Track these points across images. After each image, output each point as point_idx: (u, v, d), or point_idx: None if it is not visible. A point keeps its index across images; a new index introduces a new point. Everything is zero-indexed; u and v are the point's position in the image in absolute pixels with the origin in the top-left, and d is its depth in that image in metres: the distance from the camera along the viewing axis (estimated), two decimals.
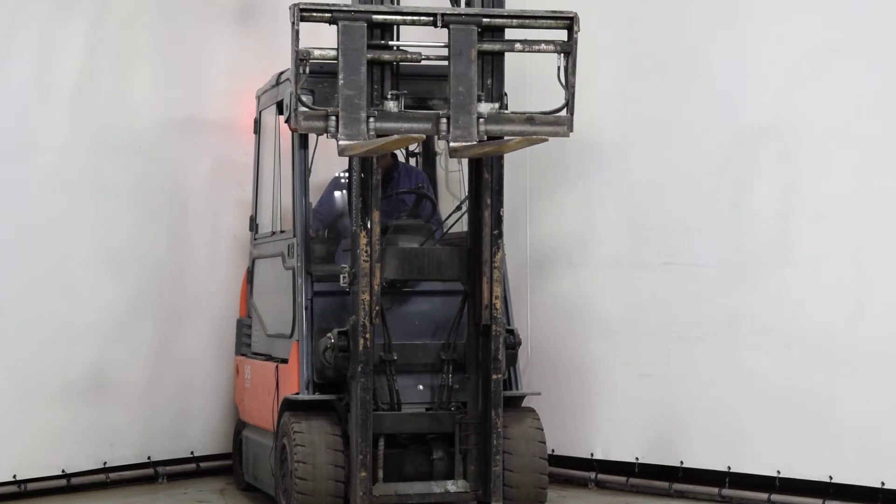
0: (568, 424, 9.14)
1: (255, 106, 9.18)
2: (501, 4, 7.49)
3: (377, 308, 7.40)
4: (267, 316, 8.70)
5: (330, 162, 8.82)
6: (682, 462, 8.78)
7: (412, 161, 9.32)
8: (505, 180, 7.64)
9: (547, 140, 7.32)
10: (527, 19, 7.33)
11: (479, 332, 7.56)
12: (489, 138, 7.22)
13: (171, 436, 9.52)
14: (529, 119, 7.26)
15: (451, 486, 7.65)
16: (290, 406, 7.84)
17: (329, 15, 7.07)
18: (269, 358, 8.55)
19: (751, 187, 8.49)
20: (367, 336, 7.38)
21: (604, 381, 9.05)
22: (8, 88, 8.73)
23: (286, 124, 8.18)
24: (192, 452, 9.65)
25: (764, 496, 8.40)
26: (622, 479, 9.07)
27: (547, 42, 7.30)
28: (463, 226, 8.03)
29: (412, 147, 9.29)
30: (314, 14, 7.08)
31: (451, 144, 7.13)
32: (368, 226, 7.36)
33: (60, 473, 8.98)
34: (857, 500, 8.03)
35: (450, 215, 8.22)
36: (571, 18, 7.24)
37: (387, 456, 7.61)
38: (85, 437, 9.08)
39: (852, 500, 8.05)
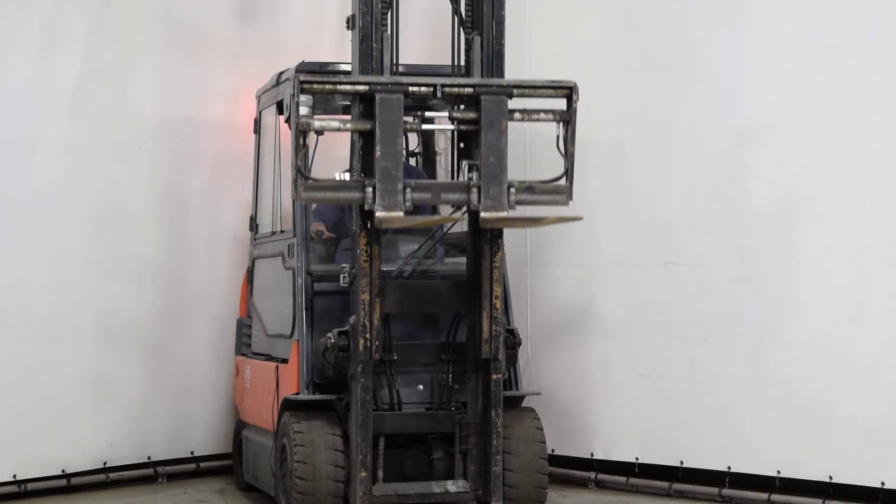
0: (568, 424, 9.14)
1: (255, 106, 9.18)
2: (502, 72, 7.48)
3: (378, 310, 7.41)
4: (267, 316, 8.70)
5: (330, 162, 8.83)
6: (682, 462, 8.78)
7: (412, 161, 9.31)
8: None
9: (581, 218, 7.34)
10: (526, 89, 7.34)
11: (478, 363, 7.57)
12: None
13: (171, 436, 9.52)
14: (529, 188, 7.29)
15: (451, 486, 7.65)
16: (290, 406, 7.84)
17: (366, 88, 7.06)
18: (269, 358, 8.56)
19: (751, 187, 8.49)
20: (367, 336, 7.38)
21: (604, 381, 9.05)
22: (8, 88, 8.74)
23: (286, 124, 8.18)
24: (192, 452, 9.65)
25: (764, 496, 8.40)
26: (622, 479, 9.08)
27: (546, 111, 7.32)
28: (463, 226, 8.02)
29: (412, 147, 9.30)
30: (314, 85, 7.10)
31: (483, 215, 7.15)
32: (368, 226, 7.36)
33: (60, 473, 8.98)
34: (857, 500, 8.03)
35: (449, 216, 8.22)
36: (571, 88, 7.27)
37: (387, 456, 7.61)
38: (85, 437, 9.08)
39: (852, 500, 8.05)
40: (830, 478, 8.13)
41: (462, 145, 7.54)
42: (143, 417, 9.35)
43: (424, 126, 7.36)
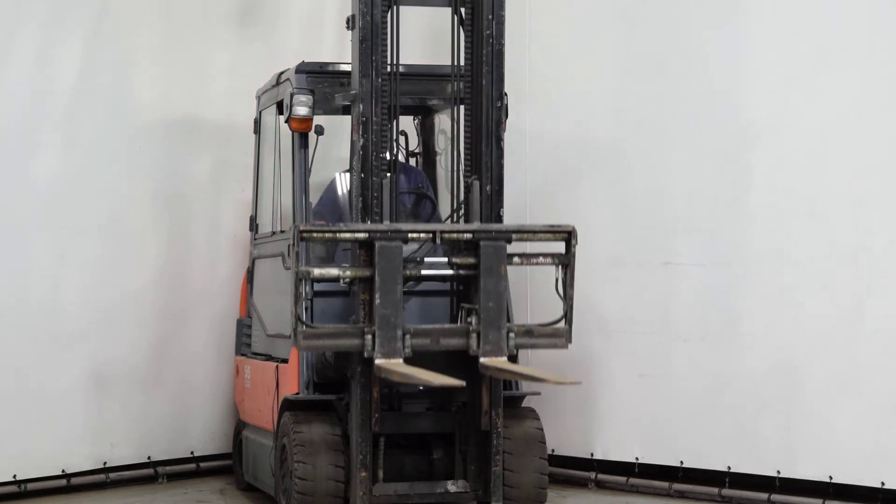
0: (568, 424, 9.14)
1: (255, 106, 9.18)
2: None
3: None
4: (267, 316, 8.70)
5: (330, 162, 8.83)
6: (682, 462, 8.78)
7: (412, 161, 9.32)
8: (505, 180, 7.64)
9: (580, 383, 7.35)
10: (525, 233, 7.37)
11: (479, 434, 7.57)
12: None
13: (171, 436, 9.52)
14: (528, 332, 7.31)
15: (451, 486, 7.65)
16: (290, 406, 7.84)
17: (365, 235, 7.07)
18: (269, 358, 8.56)
19: (750, 187, 8.49)
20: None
21: (604, 381, 9.05)
22: (8, 88, 8.73)
23: (286, 124, 8.19)
24: (192, 452, 9.65)
25: (764, 496, 8.40)
26: (622, 479, 9.07)
27: (545, 255, 7.34)
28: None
29: (412, 147, 9.30)
30: (314, 234, 7.11)
31: (482, 361, 7.15)
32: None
33: (60, 473, 8.98)
34: (857, 500, 8.03)
35: (449, 216, 8.21)
36: (570, 232, 7.28)
37: (387, 456, 7.61)
38: (85, 437, 9.08)
39: (852, 500, 8.05)
40: (830, 478, 8.13)
41: (461, 288, 7.56)
42: (143, 417, 9.35)
43: (424, 271, 7.35)
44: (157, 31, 9.45)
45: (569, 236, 7.28)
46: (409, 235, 7.14)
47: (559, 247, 7.32)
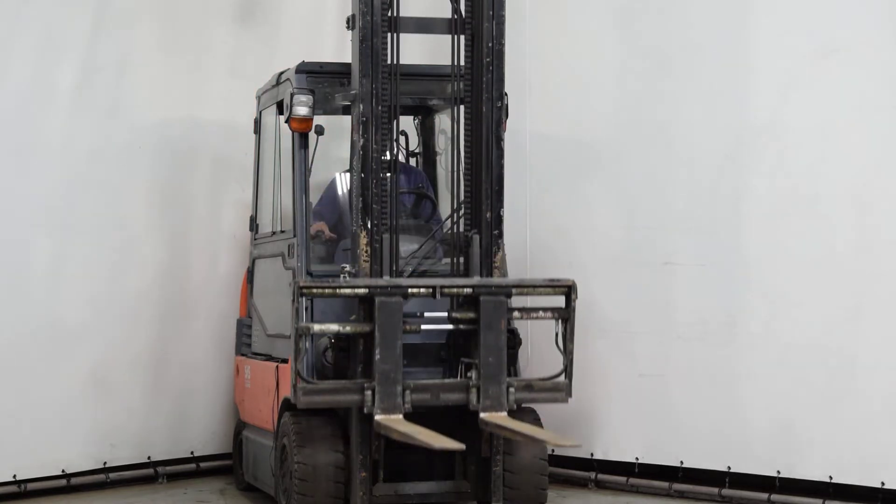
0: (568, 424, 9.13)
1: (256, 106, 9.18)
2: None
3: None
4: (267, 316, 8.70)
5: (330, 162, 8.83)
6: (682, 462, 8.78)
7: (412, 161, 9.32)
8: (505, 180, 7.64)
9: (580, 445, 7.34)
10: (525, 288, 7.39)
11: (479, 462, 7.59)
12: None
13: (171, 436, 9.52)
14: (528, 386, 7.33)
15: (451, 487, 7.65)
16: (291, 406, 7.82)
17: (365, 291, 7.09)
18: (269, 358, 8.55)
19: (750, 187, 8.49)
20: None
21: (603, 381, 9.04)
22: (8, 88, 8.74)
23: (286, 124, 8.18)
24: (192, 452, 9.65)
25: (764, 496, 8.40)
26: (622, 479, 9.07)
27: (545, 309, 7.35)
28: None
29: (413, 147, 9.30)
30: (314, 290, 7.12)
31: (482, 416, 7.17)
32: (369, 225, 7.36)
33: (60, 473, 8.98)
34: (857, 500, 8.03)
35: (449, 216, 8.21)
36: (570, 287, 7.30)
37: (387, 456, 7.60)
38: (85, 437, 9.08)
39: (852, 500, 8.05)
40: (830, 478, 8.13)
41: (461, 341, 7.56)
42: (143, 417, 9.35)
43: (424, 326, 7.36)
44: (157, 31, 9.45)
45: (569, 291, 7.30)
46: (410, 291, 7.13)
47: (559, 300, 7.33)
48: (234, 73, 9.72)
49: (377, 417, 7.03)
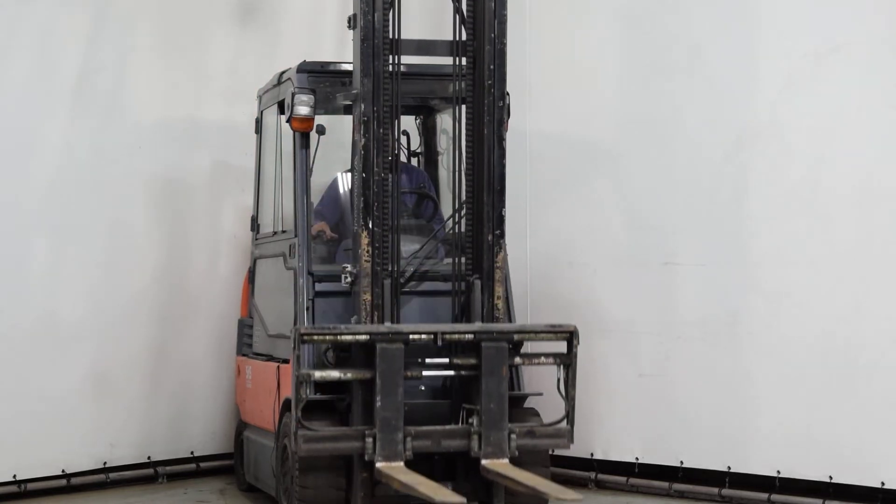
0: None
1: (257, 105, 9.18)
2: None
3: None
4: (268, 316, 8.70)
5: (331, 162, 8.82)
6: (682, 462, 8.79)
7: (414, 161, 9.32)
8: (506, 180, 7.64)
9: (581, 499, 7.33)
10: (527, 334, 7.37)
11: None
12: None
13: (171, 436, 9.52)
14: (530, 433, 7.30)
15: (452, 485, 7.63)
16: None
17: (366, 337, 7.05)
18: (270, 358, 8.55)
19: (751, 187, 8.50)
20: None
21: (604, 381, 9.05)
22: (8, 88, 8.74)
23: (287, 124, 8.18)
24: (192, 452, 9.65)
25: (764, 496, 8.41)
26: (622, 479, 9.08)
27: (547, 355, 7.34)
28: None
29: (414, 146, 9.30)
30: (315, 336, 7.10)
31: (483, 463, 7.14)
32: (370, 225, 7.36)
33: (60, 473, 8.98)
34: (857, 500, 8.04)
35: (451, 216, 8.22)
36: (571, 332, 7.27)
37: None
38: (85, 437, 9.08)
39: (852, 500, 8.06)
40: (830, 478, 8.14)
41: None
42: (143, 417, 9.35)
43: (425, 372, 7.33)
44: (158, 31, 9.45)
45: (570, 336, 7.26)
46: (411, 337, 7.09)
47: (561, 346, 7.31)
48: (234, 73, 9.73)
49: (378, 465, 6.99)
